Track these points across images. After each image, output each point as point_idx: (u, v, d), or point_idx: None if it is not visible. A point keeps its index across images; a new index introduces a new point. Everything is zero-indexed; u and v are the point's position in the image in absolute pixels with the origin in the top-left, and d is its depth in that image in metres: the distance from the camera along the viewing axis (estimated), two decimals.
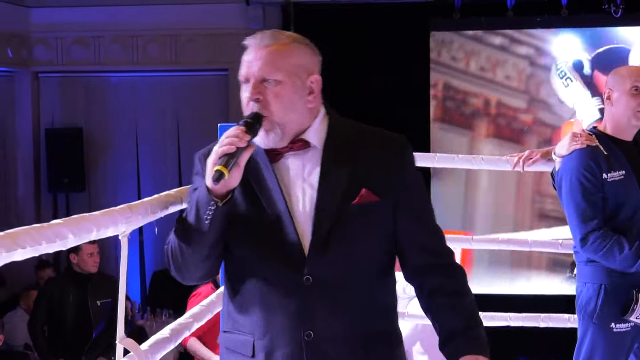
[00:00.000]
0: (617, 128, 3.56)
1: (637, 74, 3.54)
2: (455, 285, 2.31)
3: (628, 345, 3.55)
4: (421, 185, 2.39)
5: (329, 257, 2.23)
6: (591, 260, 3.52)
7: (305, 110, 2.27)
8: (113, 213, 2.12)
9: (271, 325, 2.25)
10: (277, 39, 2.26)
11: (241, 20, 9.49)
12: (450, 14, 9.01)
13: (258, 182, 2.27)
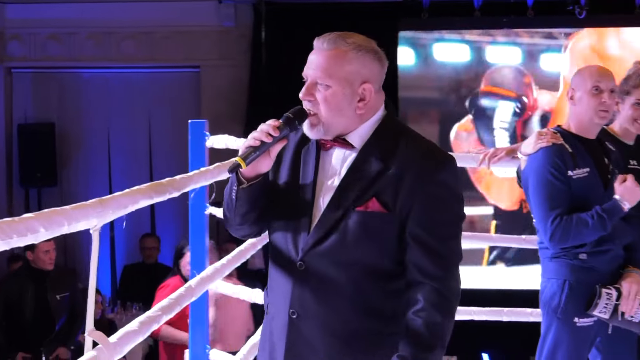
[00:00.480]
0: (580, 127, 3.59)
1: (598, 75, 3.57)
2: (429, 308, 2.31)
3: (591, 339, 3.58)
4: (446, 212, 2.39)
5: (322, 251, 2.36)
6: (555, 256, 3.54)
7: (354, 116, 2.38)
8: (84, 207, 2.10)
9: (274, 297, 2.49)
10: (337, 45, 2.35)
11: (214, 18, 9.48)
12: (418, 14, 9.04)
13: (305, 166, 2.44)
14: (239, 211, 2.44)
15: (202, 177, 3.23)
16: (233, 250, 4.11)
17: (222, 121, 7.00)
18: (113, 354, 2.25)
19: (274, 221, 2.49)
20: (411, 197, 2.33)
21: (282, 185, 2.47)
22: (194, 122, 4.45)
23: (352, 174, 2.37)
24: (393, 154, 2.37)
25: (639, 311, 3.48)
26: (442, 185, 2.37)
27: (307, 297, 2.38)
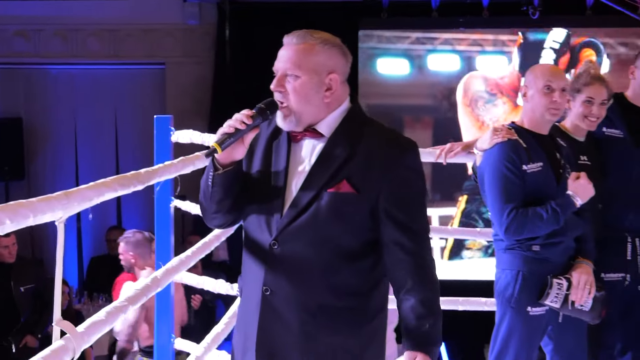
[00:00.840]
0: (533, 123, 3.61)
1: (549, 74, 3.58)
2: (418, 285, 2.45)
3: (543, 327, 3.60)
4: (414, 192, 2.53)
5: (295, 231, 2.45)
6: (510, 248, 3.56)
7: (322, 105, 2.48)
8: (50, 199, 2.08)
9: (248, 275, 2.57)
10: (305, 39, 2.47)
11: (178, 16, 9.45)
12: (378, 13, 9.07)
13: (276, 156, 2.53)
14: (214, 198, 2.51)
15: (167, 170, 3.21)
16: (197, 243, 4.09)
17: (186, 117, 6.96)
18: (80, 343, 2.23)
19: (248, 207, 2.56)
20: (381, 180, 2.45)
21: (255, 174, 2.56)
22: (159, 118, 4.43)
23: (323, 159, 2.48)
24: (360, 141, 2.48)
25: (588, 300, 3.50)
26: (408, 168, 2.50)
27: (280, 275, 2.47)
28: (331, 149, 2.48)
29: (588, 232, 3.65)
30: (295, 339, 2.48)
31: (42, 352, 2.12)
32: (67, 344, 2.19)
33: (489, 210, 3.61)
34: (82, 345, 2.25)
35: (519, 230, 3.47)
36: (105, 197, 2.42)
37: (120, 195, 2.61)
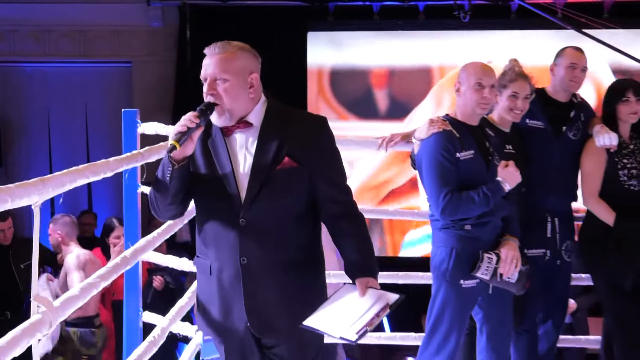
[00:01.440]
0: (465, 115, 3.63)
1: (481, 72, 3.60)
2: (356, 229, 2.71)
3: (474, 298, 3.64)
4: (335, 155, 2.79)
5: (258, 207, 2.65)
6: (445, 227, 3.59)
7: (248, 100, 2.68)
8: (26, 185, 2.07)
9: (220, 253, 2.71)
10: (226, 49, 2.66)
11: (143, 18, 9.36)
12: (325, 17, 9.07)
13: (215, 150, 2.70)
14: (171, 191, 2.65)
15: (134, 159, 3.20)
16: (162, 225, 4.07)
17: (151, 111, 6.85)
18: (56, 317, 2.22)
19: (203, 199, 2.77)
20: (311, 152, 2.69)
21: (201, 170, 2.73)
22: (126, 111, 4.40)
23: (262, 143, 2.68)
24: (285, 124, 2.71)
25: (514, 273, 3.54)
26: (327, 138, 2.78)
27: (252, 245, 2.66)
28: (266, 135, 2.69)
29: (513, 213, 3.69)
30: (276, 294, 2.70)
31: (22, 324, 2.10)
32: (44, 317, 2.18)
33: (426, 194, 3.63)
34: (57, 319, 2.24)
35: (454, 212, 3.50)
36: (78, 183, 2.40)
37: (92, 181, 2.58)
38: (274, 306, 2.70)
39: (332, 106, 9.23)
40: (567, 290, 4.21)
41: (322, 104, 9.09)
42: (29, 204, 2.12)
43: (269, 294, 2.69)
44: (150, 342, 3.42)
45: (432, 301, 3.65)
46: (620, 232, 3.87)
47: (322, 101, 9.10)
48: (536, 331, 4.08)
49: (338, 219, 2.72)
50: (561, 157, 3.99)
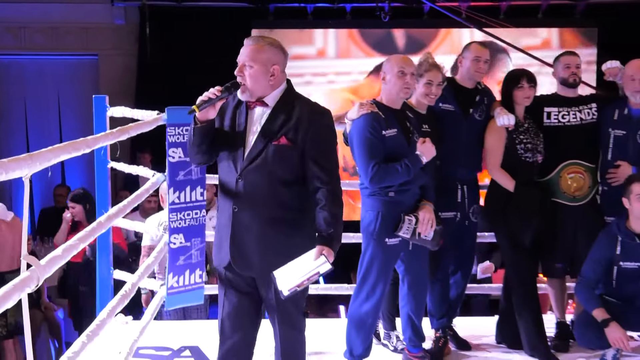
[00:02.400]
0: (389, 100, 3.64)
1: (402, 62, 3.60)
2: (330, 205, 2.81)
3: (397, 254, 3.66)
4: (327, 143, 2.90)
5: (252, 170, 2.82)
6: (372, 194, 3.59)
7: (267, 85, 2.84)
8: (18, 160, 2.02)
9: (223, 199, 2.94)
10: (258, 42, 2.84)
11: (108, 16, 9.27)
12: (266, 17, 9.04)
13: (239, 117, 2.90)
14: (196, 142, 2.88)
15: (108, 138, 3.15)
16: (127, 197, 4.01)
17: (116, 99, 6.65)
18: (43, 273, 2.19)
19: (221, 153, 2.93)
20: (307, 135, 2.83)
21: (225, 130, 2.91)
22: (97, 97, 4.34)
23: (269, 122, 2.85)
24: (293, 109, 2.86)
25: (430, 232, 3.57)
26: (325, 127, 2.89)
27: (244, 198, 2.84)
28: (274, 115, 2.85)
29: (429, 182, 3.72)
30: (257, 239, 2.84)
31: (13, 280, 2.07)
32: (32, 274, 2.14)
33: (357, 166, 3.63)
34: (44, 275, 2.20)
35: (381, 180, 3.52)
36: (61, 158, 2.36)
37: (72, 157, 2.53)
38: (251, 248, 2.84)
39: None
40: (474, 246, 4.25)
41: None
42: (20, 176, 2.07)
43: (250, 238, 2.84)
44: (122, 295, 3.38)
45: (362, 257, 3.66)
46: (518, 197, 3.92)
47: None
48: (448, 280, 4.11)
49: (318, 193, 2.83)
50: (469, 135, 4.02)
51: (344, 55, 9.16)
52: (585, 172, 4.05)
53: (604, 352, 3.84)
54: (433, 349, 3.98)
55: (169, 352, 4.07)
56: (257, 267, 2.85)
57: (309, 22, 9.09)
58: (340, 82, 9.17)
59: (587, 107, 4.10)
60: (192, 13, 8.91)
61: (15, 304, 2.05)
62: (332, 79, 9.20)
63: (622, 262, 3.76)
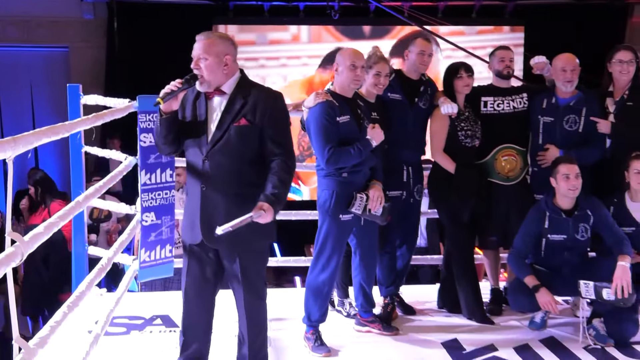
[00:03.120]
0: (342, 89, 3.62)
1: (354, 56, 3.57)
2: (279, 171, 2.82)
3: (350, 229, 3.66)
4: (282, 122, 2.92)
5: (217, 151, 2.84)
6: (327, 175, 3.58)
7: (222, 74, 2.85)
8: (2, 142, 1.96)
9: (191, 180, 2.94)
10: (209, 36, 2.86)
11: (77, 11, 9.07)
12: (226, 13, 8.95)
13: (199, 107, 2.90)
14: (162, 133, 2.88)
15: (84, 123, 3.09)
16: (98, 180, 3.94)
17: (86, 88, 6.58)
18: (27, 248, 2.13)
19: (185, 141, 2.93)
20: (264, 116, 2.85)
21: (188, 119, 2.91)
22: (71, 86, 4.24)
23: (228, 107, 2.86)
24: (249, 94, 2.87)
25: (379, 209, 3.58)
26: (280, 108, 2.92)
27: (210, 177, 2.85)
28: (232, 101, 2.86)
29: (378, 163, 3.72)
30: (224, 214, 2.80)
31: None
32: (17, 250, 2.09)
33: (314, 149, 3.62)
34: (28, 250, 2.14)
35: (335, 162, 3.51)
36: (43, 141, 2.30)
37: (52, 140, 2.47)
38: (220, 223, 2.76)
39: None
40: (418, 222, 4.29)
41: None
42: (4, 158, 2.01)
43: (218, 214, 2.84)
44: (99, 268, 3.32)
45: (318, 232, 3.65)
46: (459, 178, 3.96)
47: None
48: (395, 253, 4.14)
49: (272, 163, 2.85)
50: (414, 121, 4.04)
51: (316, 40, 9.17)
52: (517, 155, 4.11)
53: (533, 315, 3.92)
54: (382, 314, 4.01)
55: (142, 320, 4.03)
56: (225, 240, 2.82)
57: (265, 19, 9.03)
58: (313, 64, 9.16)
59: (519, 96, 4.17)
60: (157, 9, 8.77)
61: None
62: (306, 62, 9.19)
63: (549, 234, 3.83)
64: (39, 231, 2.31)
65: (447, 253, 4.22)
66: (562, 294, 3.91)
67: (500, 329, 3.93)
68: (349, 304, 4.10)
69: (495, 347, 3.64)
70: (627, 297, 3.55)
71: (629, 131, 3.99)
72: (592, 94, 4.09)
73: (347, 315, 4.09)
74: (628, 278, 3.56)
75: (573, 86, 4.02)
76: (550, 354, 3.55)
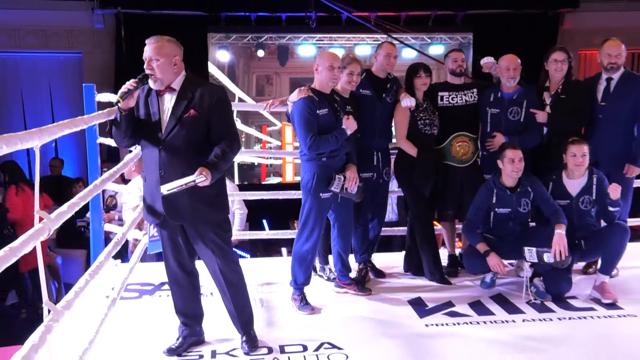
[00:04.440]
0: (321, 86, 3.59)
1: (332, 58, 3.55)
2: (223, 148, 2.76)
3: (329, 205, 3.65)
4: (226, 111, 2.86)
5: (171, 140, 2.78)
6: (309, 160, 3.56)
7: (172, 73, 2.78)
8: (30, 133, 1.93)
9: (149, 167, 2.86)
10: (158, 40, 2.76)
11: (89, 21, 8.98)
12: (219, 22, 8.86)
13: (152, 104, 2.82)
14: (122, 128, 2.79)
15: (99, 117, 3.04)
16: (108, 168, 3.90)
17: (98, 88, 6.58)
18: (53, 224, 2.11)
19: (142, 132, 2.83)
20: (209, 107, 2.79)
21: (142, 116, 2.83)
22: (86, 85, 4.18)
23: (178, 101, 2.79)
24: (196, 89, 2.80)
25: (354, 188, 3.57)
26: (222, 99, 2.84)
27: (167, 163, 2.79)
28: (182, 95, 2.79)
29: (352, 149, 3.71)
30: (182, 195, 2.74)
31: (28, 231, 1.98)
32: (44, 226, 2.06)
33: (298, 138, 3.60)
34: (54, 226, 2.12)
35: (316, 148, 3.50)
36: (65, 132, 2.27)
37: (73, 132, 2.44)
38: (180, 202, 2.79)
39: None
40: (387, 199, 4.28)
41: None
42: (32, 147, 1.98)
43: (178, 194, 2.75)
44: (115, 242, 3.30)
45: (302, 208, 3.64)
46: (419, 160, 3.97)
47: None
48: (367, 225, 4.15)
49: (218, 142, 2.79)
50: (382, 113, 4.03)
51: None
52: (469, 141, 4.12)
53: (484, 276, 3.96)
54: (357, 277, 4.02)
55: (152, 286, 4.01)
56: (186, 215, 2.84)
57: (252, 28, 8.97)
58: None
59: (470, 91, 4.18)
60: (158, 19, 8.69)
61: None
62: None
63: (497, 208, 3.86)
64: (63, 210, 2.28)
65: (410, 225, 4.22)
66: (508, 258, 3.94)
67: (457, 288, 3.95)
68: (329, 270, 4.11)
69: (452, 303, 3.67)
70: (564, 260, 3.60)
71: (562, 120, 4.03)
72: (531, 89, 4.11)
73: (327, 279, 4.10)
74: (564, 243, 3.61)
75: (515, 82, 4.05)
76: (498, 308, 3.59)
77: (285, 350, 3.02)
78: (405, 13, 8.99)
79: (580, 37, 9.13)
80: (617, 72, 4.01)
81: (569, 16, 9.51)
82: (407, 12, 8.99)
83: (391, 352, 3.01)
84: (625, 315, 3.46)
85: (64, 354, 2.64)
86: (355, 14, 8.44)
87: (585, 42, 9.04)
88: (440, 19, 9.23)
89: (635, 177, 4.09)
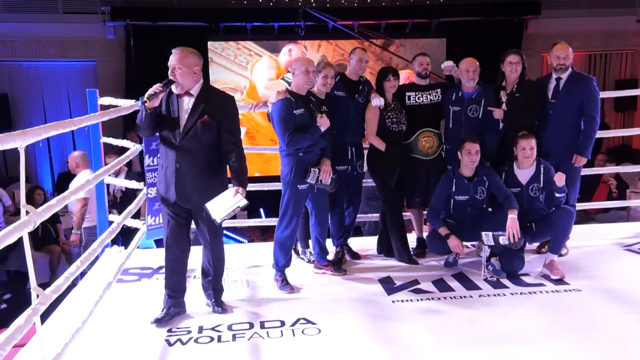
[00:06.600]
0: (298, 89, 3.56)
1: (307, 63, 3.52)
2: (238, 161, 2.95)
3: (306, 195, 3.63)
4: (234, 118, 2.98)
5: (187, 139, 2.91)
6: (287, 155, 3.53)
7: (192, 81, 2.90)
8: (13, 135, 1.90)
9: (167, 159, 2.97)
10: (182, 51, 2.87)
11: (102, 33, 8.90)
12: (217, 32, 8.81)
13: (172, 105, 2.94)
14: (145, 123, 2.91)
15: (99, 117, 3.05)
16: (113, 159, 3.88)
17: (110, 92, 6.38)
18: (39, 217, 2.07)
19: (162, 129, 2.96)
20: (220, 114, 2.92)
21: (164, 111, 2.94)
22: (89, 90, 4.15)
23: (195, 106, 2.91)
24: (210, 96, 2.94)
25: (329, 179, 3.55)
26: (232, 108, 2.98)
27: (183, 157, 2.92)
28: (198, 101, 2.91)
29: (327, 145, 3.68)
30: (193, 184, 2.93)
31: (14, 223, 1.95)
32: (30, 218, 2.03)
33: (277, 135, 3.56)
34: (40, 219, 2.08)
35: (294, 145, 3.47)
36: (51, 134, 2.23)
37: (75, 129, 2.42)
38: (190, 190, 2.93)
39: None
40: (360, 189, 4.24)
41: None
42: (17, 147, 1.94)
43: (188, 183, 2.94)
44: (110, 231, 3.29)
45: (282, 199, 3.62)
46: (387, 154, 3.94)
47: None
48: (343, 212, 4.12)
49: (230, 153, 2.93)
50: (354, 112, 3.99)
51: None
52: (434, 136, 4.08)
53: (447, 256, 3.94)
54: (334, 259, 4.00)
55: (151, 270, 3.99)
56: (195, 202, 2.98)
57: (248, 36, 8.91)
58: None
59: (435, 91, 4.14)
60: (163, 30, 8.64)
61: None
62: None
63: (456, 196, 3.83)
64: (51, 203, 2.24)
65: (382, 211, 4.21)
66: (468, 240, 3.93)
67: (423, 268, 3.94)
68: (309, 253, 4.08)
69: (418, 281, 3.65)
70: (517, 241, 3.58)
71: (517, 116, 3.98)
72: (489, 88, 4.07)
73: (307, 262, 4.08)
74: (517, 227, 3.59)
75: (475, 83, 4.01)
76: (458, 285, 3.57)
77: (265, 326, 3.01)
78: (385, 21, 8.93)
79: (542, 40, 9.06)
80: (565, 72, 3.97)
81: (532, 22, 9.45)
82: (386, 20, 8.93)
83: (358, 325, 3.00)
84: (571, 289, 3.45)
85: (57, 333, 2.61)
86: (340, 22, 8.38)
87: (548, 46, 8.81)
88: (417, 26, 9.17)
89: (582, 166, 4.06)
